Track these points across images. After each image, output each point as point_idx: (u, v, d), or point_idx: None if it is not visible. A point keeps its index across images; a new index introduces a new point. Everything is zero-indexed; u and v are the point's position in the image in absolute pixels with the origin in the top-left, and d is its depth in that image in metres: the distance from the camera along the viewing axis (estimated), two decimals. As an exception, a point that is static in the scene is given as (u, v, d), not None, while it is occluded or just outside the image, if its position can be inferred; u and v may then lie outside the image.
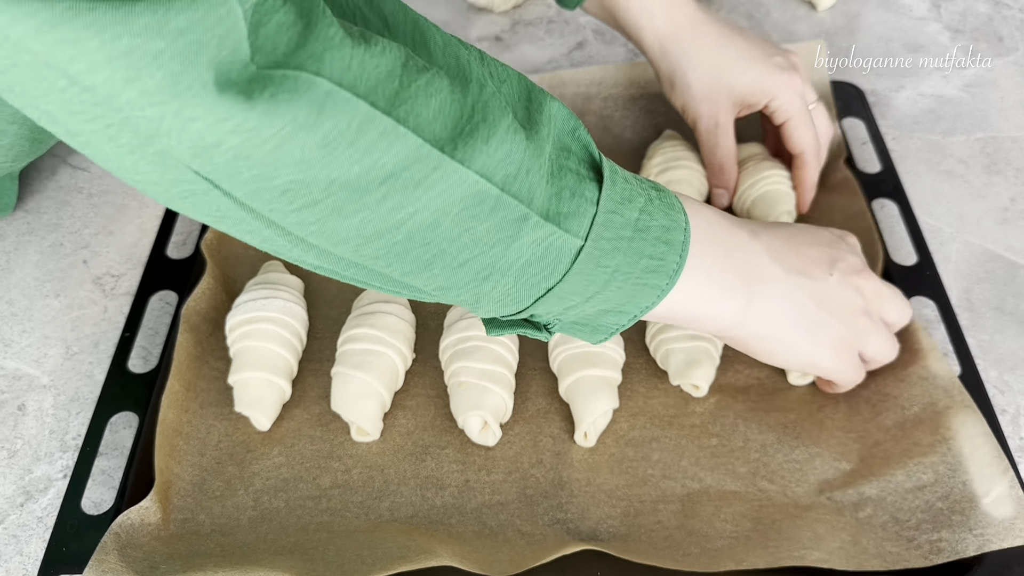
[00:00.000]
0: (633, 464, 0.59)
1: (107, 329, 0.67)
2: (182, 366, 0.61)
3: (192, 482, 0.58)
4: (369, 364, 0.60)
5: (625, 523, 0.56)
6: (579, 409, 0.60)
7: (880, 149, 0.77)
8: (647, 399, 0.62)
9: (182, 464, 0.58)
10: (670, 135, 0.77)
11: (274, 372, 0.61)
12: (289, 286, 0.65)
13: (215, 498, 0.57)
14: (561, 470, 0.58)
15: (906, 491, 0.55)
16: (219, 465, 0.59)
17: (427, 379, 0.64)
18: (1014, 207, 0.77)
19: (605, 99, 0.79)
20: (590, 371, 0.60)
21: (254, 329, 0.61)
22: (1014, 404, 0.64)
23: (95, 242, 0.73)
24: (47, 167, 0.79)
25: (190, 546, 0.55)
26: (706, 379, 0.61)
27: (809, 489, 0.57)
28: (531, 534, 0.55)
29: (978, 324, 0.68)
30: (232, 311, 0.63)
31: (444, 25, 0.94)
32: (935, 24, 0.95)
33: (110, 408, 0.61)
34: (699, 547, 0.54)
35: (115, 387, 0.62)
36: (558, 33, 0.94)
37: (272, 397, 0.60)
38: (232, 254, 0.70)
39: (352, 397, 0.59)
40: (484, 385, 0.59)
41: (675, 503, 0.57)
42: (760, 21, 0.95)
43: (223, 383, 0.62)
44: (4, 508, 0.58)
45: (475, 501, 0.57)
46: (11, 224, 0.75)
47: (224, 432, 0.61)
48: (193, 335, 0.63)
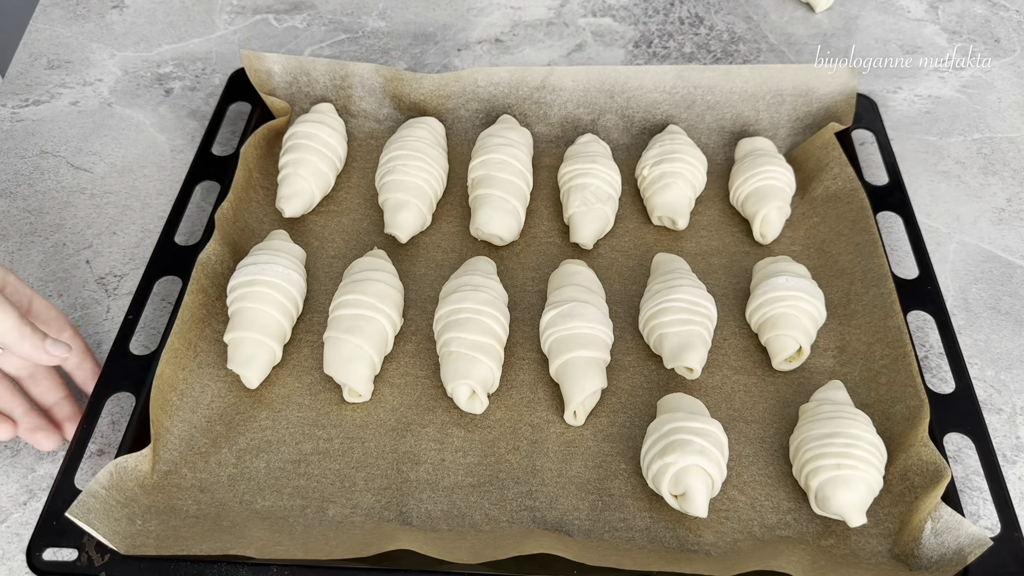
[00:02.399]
0: (608, 459, 0.60)
1: (110, 329, 0.68)
2: (185, 325, 0.63)
3: (180, 437, 0.60)
4: (360, 328, 0.62)
5: (591, 517, 0.57)
6: (569, 389, 0.61)
7: (889, 162, 0.77)
8: (631, 396, 0.63)
9: (172, 419, 0.60)
10: (673, 129, 0.78)
11: (266, 334, 0.63)
12: (291, 254, 0.68)
13: (200, 454, 0.60)
14: (536, 458, 0.60)
15: (871, 534, 0.56)
16: (208, 424, 0.61)
17: (418, 359, 0.66)
18: (1010, 207, 0.78)
19: (628, 98, 0.80)
20: (580, 352, 0.61)
21: (252, 291, 0.64)
22: (1010, 403, 0.64)
23: (98, 242, 0.74)
24: (50, 168, 0.80)
25: (169, 500, 0.57)
26: (699, 361, 0.62)
27: (778, 505, 0.58)
28: (497, 519, 0.57)
29: (974, 324, 0.69)
30: (235, 273, 0.65)
31: (444, 28, 0.95)
32: (932, 25, 0.95)
33: (110, 388, 0.62)
34: (659, 555, 0.54)
35: (117, 368, 0.63)
36: (557, 35, 0.94)
37: (262, 357, 0.63)
38: (246, 227, 0.72)
39: (344, 360, 0.61)
40: (473, 355, 0.61)
41: (643, 500, 0.58)
42: (758, 23, 0.96)
43: (223, 345, 0.64)
44: (7, 507, 0.59)
45: (448, 480, 0.59)
46: (14, 225, 0.75)
47: (217, 393, 0.63)
48: (200, 296, 0.65)
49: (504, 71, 0.79)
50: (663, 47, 0.92)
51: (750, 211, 0.73)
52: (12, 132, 0.83)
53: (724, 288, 0.70)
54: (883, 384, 0.62)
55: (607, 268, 0.71)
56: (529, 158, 0.75)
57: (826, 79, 0.78)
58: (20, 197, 0.77)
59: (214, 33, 0.94)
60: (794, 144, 0.80)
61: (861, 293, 0.67)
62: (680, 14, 0.96)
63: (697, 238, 0.74)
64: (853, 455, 0.55)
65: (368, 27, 0.95)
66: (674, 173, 0.73)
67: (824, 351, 0.66)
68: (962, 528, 0.53)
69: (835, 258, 0.71)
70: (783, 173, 0.73)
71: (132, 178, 0.79)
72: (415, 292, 0.69)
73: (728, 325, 0.68)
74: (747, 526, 0.57)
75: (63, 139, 0.82)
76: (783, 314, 0.64)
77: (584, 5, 0.98)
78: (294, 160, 0.74)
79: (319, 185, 0.74)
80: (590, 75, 0.79)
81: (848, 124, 0.78)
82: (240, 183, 0.72)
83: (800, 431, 0.58)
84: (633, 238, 0.74)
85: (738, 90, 0.79)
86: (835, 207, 0.73)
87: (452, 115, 0.80)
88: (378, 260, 0.68)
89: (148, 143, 0.82)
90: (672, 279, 0.66)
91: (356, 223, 0.75)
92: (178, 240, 0.70)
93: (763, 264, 0.69)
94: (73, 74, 0.89)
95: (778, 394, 0.64)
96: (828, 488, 0.55)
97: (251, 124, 0.80)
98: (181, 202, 0.73)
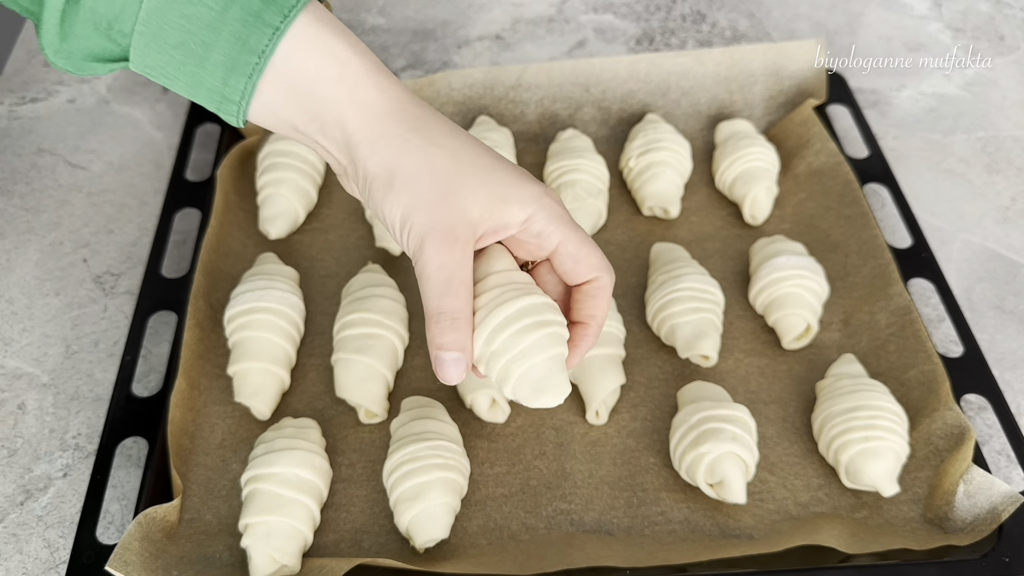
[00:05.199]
0: (636, 454, 0.60)
1: (107, 328, 0.67)
2: (187, 364, 0.61)
3: (199, 482, 0.58)
4: (370, 347, 0.61)
5: (629, 513, 0.57)
6: (589, 388, 0.61)
7: (867, 135, 0.78)
8: (648, 389, 0.63)
9: (188, 464, 0.59)
10: (652, 118, 0.78)
11: (273, 361, 0.61)
12: (286, 276, 0.66)
13: (221, 497, 0.58)
14: (564, 461, 0.59)
15: (901, 501, 0.57)
16: (224, 464, 0.59)
17: (430, 373, 0.64)
18: (1015, 206, 0.77)
19: (603, 90, 0.79)
20: (596, 350, 0.61)
21: (252, 320, 0.62)
22: (1014, 403, 0.64)
23: (95, 241, 0.73)
24: (47, 166, 0.79)
25: (199, 548, 0.55)
26: (714, 348, 0.63)
27: (808, 482, 0.58)
28: (535, 527, 0.56)
29: (979, 323, 0.68)
30: (230, 302, 0.63)
31: (445, 24, 0.94)
32: (936, 23, 0.95)
33: (118, 435, 0.59)
34: (704, 544, 0.55)
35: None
36: (559, 32, 0.94)
37: (271, 386, 0.61)
38: (230, 251, 0.70)
39: (357, 381, 0.60)
40: None
41: (678, 491, 0.58)
42: (761, 20, 0.95)
43: (225, 380, 0.63)
44: (4, 507, 0.58)
45: (479, 493, 0.58)
46: (11, 223, 0.75)
47: (228, 430, 0.61)
48: (196, 332, 0.63)
49: (478, 72, 0.78)
50: (665, 44, 0.92)
51: (738, 194, 0.74)
52: (9, 130, 0.82)
53: (723, 272, 0.70)
54: (892, 352, 0.63)
55: (604, 262, 0.71)
56: (513, 158, 0.75)
57: (795, 56, 0.79)
58: (17, 195, 0.77)
59: (213, 30, 0.93)
60: (770, 123, 0.80)
61: (859, 265, 0.68)
62: (682, 11, 0.96)
63: (689, 225, 0.74)
64: (879, 426, 0.56)
65: (367, 23, 0.95)
66: (661, 162, 0.73)
67: (829, 325, 0.67)
68: (994, 488, 0.54)
69: (827, 232, 0.71)
70: (766, 153, 0.74)
71: (129, 176, 0.79)
72: (415, 304, 0.67)
73: (732, 309, 0.68)
74: (782, 506, 0.57)
75: (60, 137, 0.82)
76: (788, 294, 0.64)
77: (585, 1, 0.97)
78: (274, 179, 0.71)
79: (302, 203, 0.72)
80: (564, 69, 0.78)
81: (823, 99, 0.79)
82: (219, 208, 0.70)
83: (822, 408, 0.59)
84: (626, 230, 0.74)
85: (711, 74, 0.79)
86: (821, 182, 0.74)
87: (428, 120, 0.79)
88: (376, 275, 0.66)
89: (145, 141, 0.82)
90: (675, 268, 0.66)
91: (344, 239, 0.73)
92: (165, 273, 0.68)
93: (760, 245, 0.69)
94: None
95: (791, 372, 0.64)
96: (858, 461, 0.56)
97: (223, 146, 0.77)
98: (162, 234, 0.70)
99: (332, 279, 0.70)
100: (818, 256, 0.70)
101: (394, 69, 0.89)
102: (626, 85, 0.79)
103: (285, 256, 0.71)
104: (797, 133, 0.77)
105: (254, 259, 0.69)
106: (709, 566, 0.53)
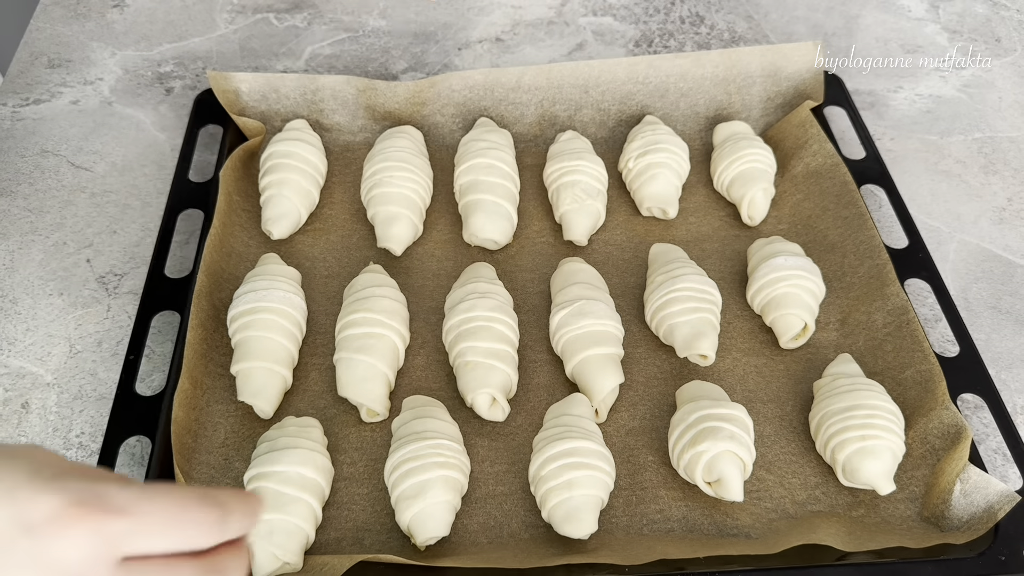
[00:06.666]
0: (635, 452, 0.60)
1: (110, 328, 0.68)
2: (190, 363, 0.61)
3: (202, 480, 0.59)
4: (371, 347, 0.61)
5: (628, 512, 0.57)
6: (588, 387, 0.61)
7: (864, 136, 0.78)
8: (647, 388, 0.64)
9: (191, 462, 0.59)
10: (650, 120, 0.78)
11: (275, 361, 0.62)
12: (288, 277, 0.66)
13: None
14: None
15: (898, 500, 0.58)
16: (227, 462, 0.60)
17: (430, 372, 0.65)
18: (1011, 207, 0.78)
19: (603, 92, 0.80)
20: (595, 350, 0.62)
21: (255, 319, 0.62)
22: (1011, 403, 0.64)
23: (98, 241, 0.74)
24: (50, 167, 0.80)
25: None
26: (712, 348, 0.63)
27: (805, 481, 0.59)
28: (536, 524, 0.57)
29: (975, 323, 0.69)
30: (233, 302, 0.64)
31: (445, 27, 0.95)
32: (933, 25, 0.95)
33: (122, 433, 0.59)
34: (701, 543, 0.55)
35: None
36: (558, 34, 0.94)
37: (274, 385, 0.62)
38: (233, 252, 0.71)
39: (359, 380, 0.61)
40: (490, 363, 0.61)
41: (676, 489, 0.58)
42: (759, 22, 0.96)
43: (227, 379, 0.63)
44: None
45: (480, 492, 0.58)
46: (15, 223, 0.75)
47: (230, 429, 0.61)
48: (200, 331, 0.63)
49: (478, 74, 0.78)
50: (664, 46, 0.92)
51: (736, 195, 0.74)
52: (13, 131, 0.83)
53: (720, 272, 0.71)
54: (889, 351, 0.63)
55: (603, 263, 0.72)
56: (513, 159, 0.75)
57: (792, 58, 0.79)
58: (21, 196, 0.77)
59: (215, 32, 0.94)
60: (768, 124, 0.81)
61: (855, 265, 0.68)
62: (681, 13, 0.96)
63: (687, 225, 0.75)
64: (875, 425, 0.56)
65: (369, 26, 0.95)
66: (659, 164, 0.73)
67: (826, 325, 0.67)
68: (990, 486, 0.55)
69: (824, 233, 0.72)
70: (764, 155, 0.74)
71: (132, 177, 0.79)
72: (416, 304, 0.68)
73: (730, 308, 0.68)
74: (779, 504, 0.58)
75: (64, 138, 0.82)
76: (785, 294, 0.65)
77: (585, 4, 0.98)
78: (276, 180, 0.72)
79: (304, 204, 0.73)
80: (563, 72, 0.79)
81: (820, 100, 0.79)
82: (222, 209, 0.70)
83: (819, 407, 0.60)
84: (624, 231, 0.74)
85: (709, 76, 0.80)
86: (818, 183, 0.74)
87: (428, 121, 0.79)
88: (378, 276, 0.67)
89: (149, 142, 0.82)
90: (674, 268, 0.66)
91: (345, 239, 0.74)
92: (168, 273, 0.68)
93: (758, 246, 0.70)
94: (74, 73, 0.89)
95: (788, 372, 0.65)
96: (855, 460, 0.56)
97: (225, 147, 0.77)
98: (165, 234, 0.70)
99: (334, 279, 0.71)
100: (815, 256, 0.70)
101: (395, 71, 0.90)
102: (625, 87, 0.79)
103: (287, 256, 0.71)
104: (795, 134, 0.78)
105: (257, 259, 0.70)
106: (707, 563, 0.53)
